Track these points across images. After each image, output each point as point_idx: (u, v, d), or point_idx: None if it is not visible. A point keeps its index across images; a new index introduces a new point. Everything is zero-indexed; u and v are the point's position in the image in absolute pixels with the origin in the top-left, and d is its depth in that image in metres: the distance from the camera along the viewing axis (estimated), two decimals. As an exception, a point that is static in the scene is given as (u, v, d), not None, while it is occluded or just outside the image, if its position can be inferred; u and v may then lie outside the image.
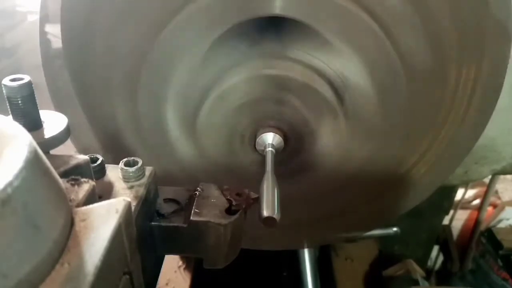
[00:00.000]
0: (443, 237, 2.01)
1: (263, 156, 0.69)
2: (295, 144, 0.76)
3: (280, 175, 0.61)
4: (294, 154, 0.77)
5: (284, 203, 0.56)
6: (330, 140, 0.75)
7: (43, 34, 0.72)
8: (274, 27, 0.70)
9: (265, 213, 0.51)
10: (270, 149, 0.69)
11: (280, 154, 0.72)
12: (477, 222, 2.00)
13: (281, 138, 0.71)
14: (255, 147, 0.73)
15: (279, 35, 0.72)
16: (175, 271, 1.14)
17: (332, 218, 0.89)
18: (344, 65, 0.70)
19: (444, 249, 2.05)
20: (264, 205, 0.52)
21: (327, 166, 0.80)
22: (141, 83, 0.70)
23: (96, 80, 0.71)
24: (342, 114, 0.72)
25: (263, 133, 0.71)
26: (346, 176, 0.81)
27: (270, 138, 0.71)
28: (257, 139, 0.72)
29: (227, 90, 0.70)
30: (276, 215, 0.51)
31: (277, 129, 0.72)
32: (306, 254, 1.22)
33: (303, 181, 0.82)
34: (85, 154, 0.44)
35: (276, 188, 0.56)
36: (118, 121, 0.75)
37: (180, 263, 1.16)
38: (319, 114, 0.72)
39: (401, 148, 0.77)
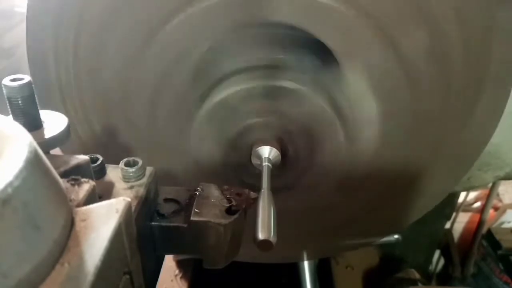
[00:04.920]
0: (444, 242, 2.00)
1: (259, 170, 0.67)
2: (293, 158, 0.73)
3: (280, 188, 0.59)
4: (292, 167, 0.75)
5: (285, 215, 0.54)
6: (331, 152, 0.74)
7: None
8: (271, 35, 0.69)
9: (260, 236, 0.49)
10: (266, 163, 0.66)
11: (278, 167, 0.69)
12: (479, 225, 1.98)
13: (278, 152, 0.68)
14: (251, 161, 0.70)
15: (276, 43, 0.70)
16: (172, 280, 1.13)
17: (336, 229, 0.88)
18: (347, 77, 0.68)
19: (445, 253, 2.04)
20: (260, 227, 0.50)
21: (328, 178, 0.78)
22: (132, 89, 0.69)
23: (87, 83, 0.70)
24: (342, 125, 0.70)
25: (259, 146, 0.68)
26: (349, 187, 0.80)
27: (266, 152, 0.68)
28: (253, 153, 0.69)
29: (222, 101, 0.69)
30: (272, 238, 0.49)
31: (274, 143, 0.69)
32: (306, 262, 1.21)
33: (304, 193, 0.81)
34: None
35: (272, 208, 0.53)
36: (108, 126, 0.74)
37: (177, 271, 1.15)
38: (318, 126, 0.70)
39: (406, 157, 0.76)
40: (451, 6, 0.61)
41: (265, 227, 0.50)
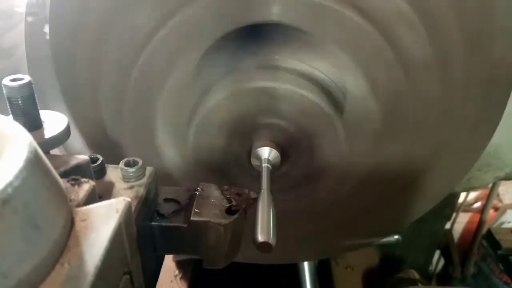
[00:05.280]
0: (444, 242, 2.00)
1: (258, 171, 0.65)
2: (293, 158, 0.73)
3: (280, 189, 0.59)
4: (293, 168, 0.75)
5: (285, 216, 0.54)
6: (331, 152, 0.73)
7: (28, 36, 0.71)
8: (267, 35, 0.68)
9: (260, 238, 0.48)
10: (266, 165, 0.65)
11: (278, 168, 0.69)
12: (479, 225, 1.98)
13: (277, 153, 0.67)
14: (250, 162, 0.70)
15: (272, 44, 0.69)
16: (171, 281, 1.13)
17: (336, 229, 0.87)
18: (344, 74, 0.68)
19: (445, 254, 2.04)
20: (259, 229, 0.49)
21: (327, 179, 0.78)
22: (128, 93, 0.69)
23: (84, 84, 0.70)
24: (341, 125, 0.70)
25: (258, 147, 0.68)
26: (349, 187, 0.79)
27: (265, 153, 0.67)
28: (252, 154, 0.68)
29: (219, 103, 0.68)
30: (271, 240, 0.48)
31: (273, 144, 0.68)
32: (306, 263, 1.20)
33: (303, 194, 0.81)
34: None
35: (271, 209, 0.53)
36: (105, 125, 0.74)
37: (177, 272, 1.15)
38: (317, 126, 0.70)
39: (407, 156, 0.76)
40: (452, 6, 0.61)
41: (264, 229, 0.49)
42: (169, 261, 1.17)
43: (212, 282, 1.17)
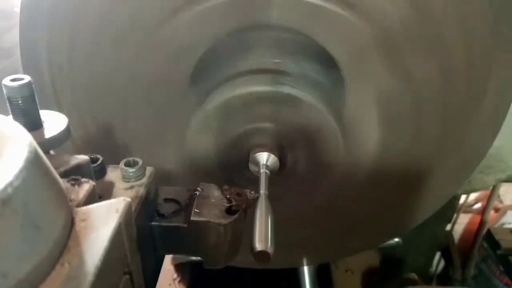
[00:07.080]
0: (444, 243, 1.99)
1: (257, 176, 0.65)
2: (292, 163, 0.73)
3: (279, 194, 0.59)
4: (292, 173, 0.74)
5: (285, 221, 0.53)
6: (330, 160, 0.73)
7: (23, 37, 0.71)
8: (276, 41, 0.68)
9: (258, 246, 0.47)
10: (264, 170, 0.64)
11: (277, 173, 0.68)
12: (479, 227, 1.98)
13: (276, 158, 0.67)
14: (249, 167, 0.69)
15: (280, 49, 0.69)
16: (170, 284, 1.13)
17: (338, 233, 0.87)
18: (348, 85, 0.68)
19: (446, 255, 2.03)
20: (257, 237, 0.49)
21: (327, 184, 0.77)
22: (128, 90, 0.69)
23: (81, 85, 0.70)
24: (340, 128, 0.69)
25: (256, 153, 0.67)
26: (350, 192, 0.79)
27: (264, 158, 0.66)
28: (251, 159, 0.68)
29: (221, 104, 0.67)
30: (269, 248, 0.47)
31: (272, 149, 0.68)
32: (305, 266, 1.20)
33: (303, 200, 0.80)
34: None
35: (269, 216, 0.52)
36: (103, 126, 0.74)
37: (175, 275, 1.15)
38: (316, 130, 0.69)
39: (407, 163, 0.75)
40: (456, 17, 0.61)
41: (262, 238, 0.49)
42: (167, 264, 1.17)
43: (210, 285, 1.17)
